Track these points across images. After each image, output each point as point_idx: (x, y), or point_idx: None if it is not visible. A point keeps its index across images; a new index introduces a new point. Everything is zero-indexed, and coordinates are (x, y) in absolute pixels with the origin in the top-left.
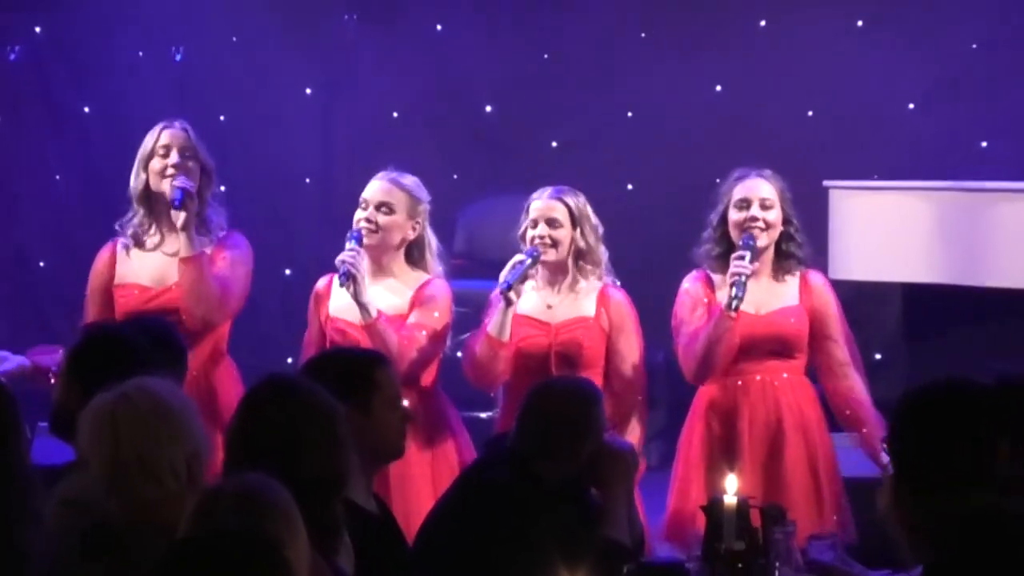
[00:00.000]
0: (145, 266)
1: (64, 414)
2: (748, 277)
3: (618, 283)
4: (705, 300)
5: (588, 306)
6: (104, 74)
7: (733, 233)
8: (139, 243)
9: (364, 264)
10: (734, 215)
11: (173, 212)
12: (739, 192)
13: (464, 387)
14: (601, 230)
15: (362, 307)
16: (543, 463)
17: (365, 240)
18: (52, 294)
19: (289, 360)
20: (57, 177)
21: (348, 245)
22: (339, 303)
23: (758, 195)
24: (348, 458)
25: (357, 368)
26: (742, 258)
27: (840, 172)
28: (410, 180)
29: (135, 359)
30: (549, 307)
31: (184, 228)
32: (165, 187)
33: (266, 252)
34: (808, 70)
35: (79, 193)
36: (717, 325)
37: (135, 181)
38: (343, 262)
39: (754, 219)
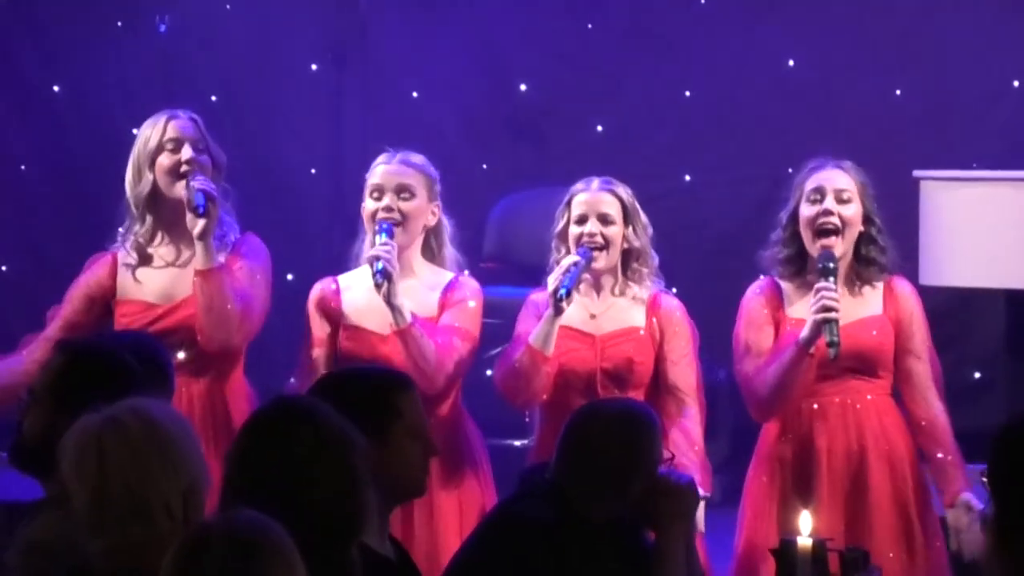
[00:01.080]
0: (151, 280)
1: (33, 445)
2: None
3: (673, 291)
4: (769, 314)
5: (637, 315)
6: (77, 48)
7: (804, 233)
8: (144, 258)
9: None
10: (806, 210)
11: (190, 218)
12: (812, 183)
13: (492, 410)
14: (650, 230)
15: (396, 310)
16: (587, 501)
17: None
18: (17, 303)
19: (292, 380)
20: (23, 168)
21: (379, 239)
22: (352, 308)
23: (834, 186)
24: (366, 497)
25: (376, 390)
26: (829, 289)
27: (933, 161)
28: (420, 158)
29: (126, 382)
30: (593, 317)
31: (202, 237)
32: (179, 189)
33: None
34: (896, 42)
35: (49, 186)
36: (793, 363)
37: (139, 185)
38: (377, 258)
39: (828, 213)
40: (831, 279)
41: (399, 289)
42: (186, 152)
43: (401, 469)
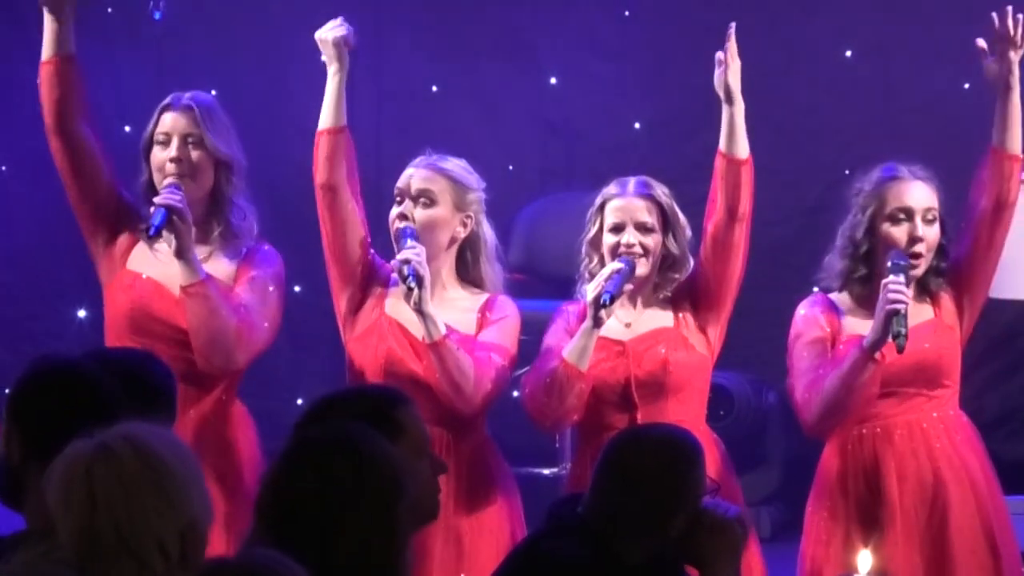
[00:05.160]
0: (168, 267)
1: (5, 472)
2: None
3: None
4: (828, 330)
5: (666, 316)
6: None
7: (887, 255)
8: (151, 248)
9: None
10: (891, 229)
11: (165, 234)
12: (895, 199)
13: (519, 435)
14: (689, 233)
15: (428, 319)
16: (623, 538)
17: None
18: None
19: (299, 401)
20: (3, 168)
21: (407, 244)
22: (401, 302)
23: (921, 205)
24: (405, 550)
25: (375, 407)
26: (896, 282)
27: None
28: (455, 163)
29: (97, 404)
30: (628, 326)
31: (179, 254)
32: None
33: None
34: (964, 29)
35: (29, 188)
36: (857, 369)
37: (140, 176)
38: (407, 261)
39: (919, 240)
40: (900, 276)
41: (430, 297)
42: (172, 150)
43: (417, 489)
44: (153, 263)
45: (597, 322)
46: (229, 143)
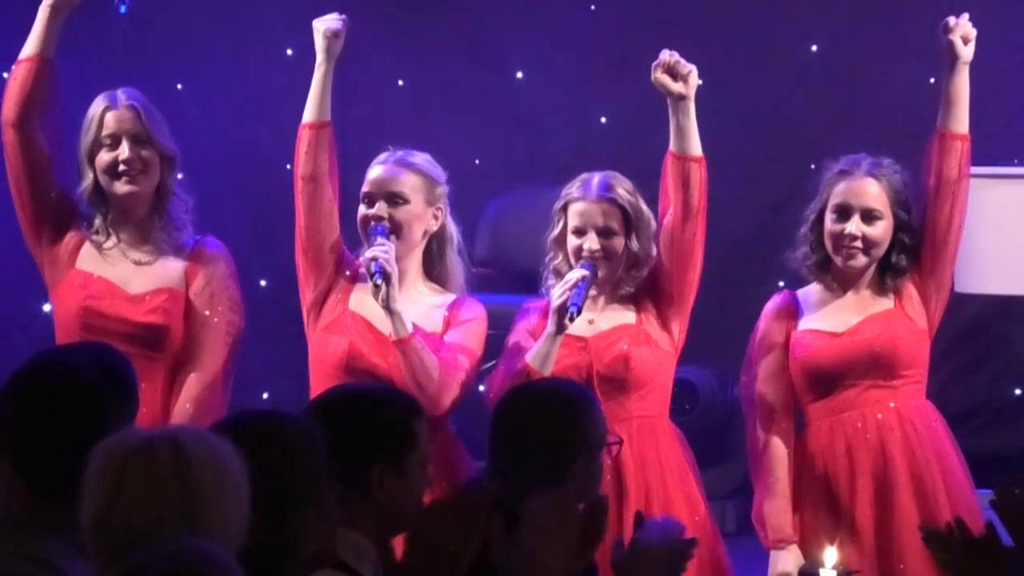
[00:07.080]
0: (115, 269)
1: None
2: None
3: None
4: (781, 339)
5: (629, 313)
6: (26, 31)
7: (828, 243)
8: (101, 248)
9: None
10: (830, 223)
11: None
12: (839, 194)
13: (483, 430)
14: (654, 226)
15: (396, 316)
16: (528, 499)
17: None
18: None
19: (265, 396)
20: None
21: (377, 241)
22: (366, 298)
23: (861, 204)
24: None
25: (395, 417)
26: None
27: (972, 156)
28: (421, 157)
29: (85, 398)
30: (590, 323)
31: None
32: (119, 187)
33: (235, 258)
34: (931, 25)
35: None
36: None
37: (83, 181)
38: (374, 259)
39: (852, 237)
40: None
41: (398, 294)
42: (123, 150)
43: (411, 500)
44: (103, 263)
45: (560, 328)
46: (169, 137)
